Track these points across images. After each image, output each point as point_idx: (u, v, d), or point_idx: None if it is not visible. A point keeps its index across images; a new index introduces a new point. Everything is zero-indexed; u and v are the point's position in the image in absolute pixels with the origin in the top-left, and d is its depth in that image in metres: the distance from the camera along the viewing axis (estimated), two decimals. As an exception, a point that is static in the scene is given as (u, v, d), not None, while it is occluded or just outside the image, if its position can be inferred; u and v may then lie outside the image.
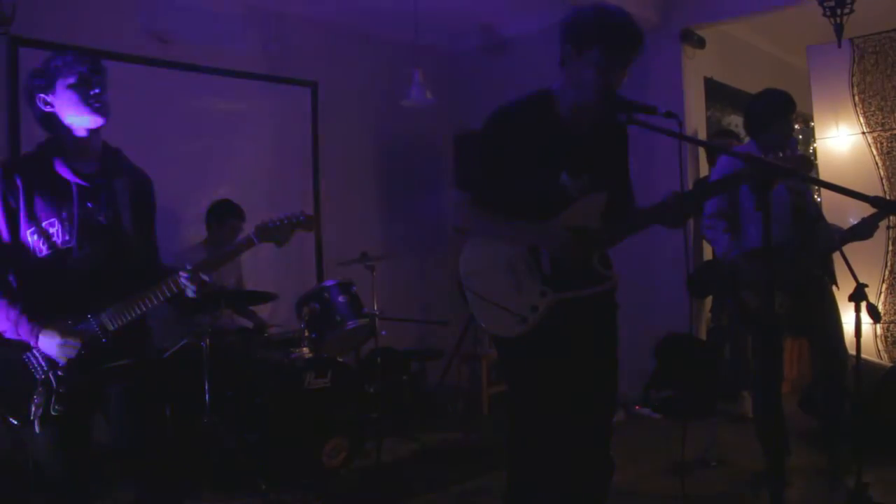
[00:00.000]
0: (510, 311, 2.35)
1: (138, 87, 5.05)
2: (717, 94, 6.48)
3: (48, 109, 2.40)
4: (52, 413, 2.31)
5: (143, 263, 2.55)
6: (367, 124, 6.49)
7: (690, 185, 5.76)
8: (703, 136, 6.08)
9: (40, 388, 2.31)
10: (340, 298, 4.59)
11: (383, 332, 4.74)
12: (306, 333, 4.43)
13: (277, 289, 4.80)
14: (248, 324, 4.90)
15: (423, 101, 5.73)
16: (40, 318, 2.31)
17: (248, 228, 4.88)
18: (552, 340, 2.34)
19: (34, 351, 2.34)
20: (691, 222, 5.65)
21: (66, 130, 2.42)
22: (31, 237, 2.35)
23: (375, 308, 4.63)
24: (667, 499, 3.60)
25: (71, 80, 2.37)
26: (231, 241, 4.81)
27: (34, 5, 4.60)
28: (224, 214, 4.81)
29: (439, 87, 6.10)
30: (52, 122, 2.43)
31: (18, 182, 2.34)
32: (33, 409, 2.30)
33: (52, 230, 2.35)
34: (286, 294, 4.92)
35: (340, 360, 4.30)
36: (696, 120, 6.07)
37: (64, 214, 2.37)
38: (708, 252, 5.85)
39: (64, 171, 2.40)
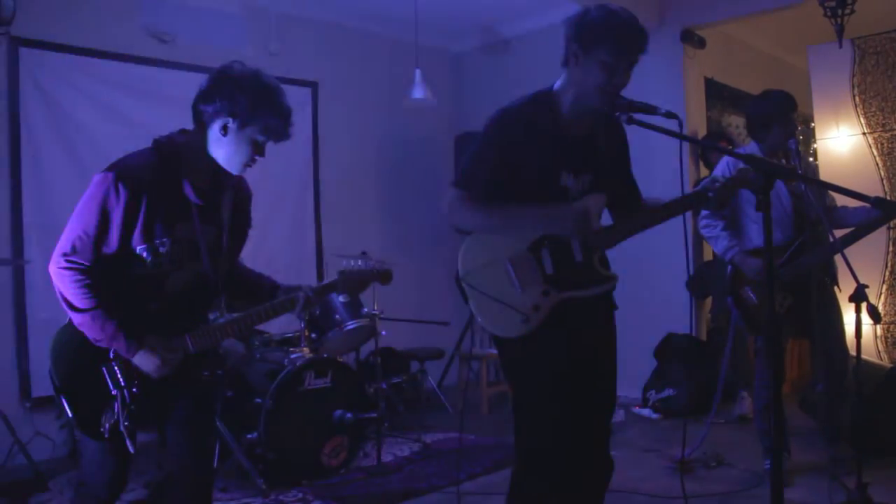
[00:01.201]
0: (514, 309, 2.34)
1: (138, 87, 5.06)
2: (717, 94, 6.48)
3: (217, 133, 2.29)
4: (121, 430, 2.28)
5: (228, 282, 2.52)
6: (367, 124, 6.50)
7: (691, 186, 5.76)
8: (703, 136, 6.08)
9: (116, 404, 2.28)
10: (340, 298, 4.59)
11: (383, 333, 4.74)
12: (306, 333, 4.43)
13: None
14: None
15: (424, 101, 5.73)
16: (137, 336, 2.26)
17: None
18: (553, 340, 2.34)
19: (113, 364, 2.29)
20: (690, 224, 5.65)
21: (203, 150, 2.32)
22: (140, 252, 2.25)
23: (375, 308, 4.63)
24: (667, 499, 3.60)
25: (258, 138, 2.30)
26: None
27: (35, 5, 4.61)
28: None
29: (440, 88, 6.11)
30: (202, 133, 2.32)
31: (143, 203, 2.21)
32: (107, 423, 2.26)
33: (162, 249, 2.26)
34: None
35: (340, 360, 4.30)
36: (696, 120, 6.07)
37: (178, 234, 2.29)
38: (708, 253, 5.85)
39: (189, 193, 2.30)
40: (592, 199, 2.40)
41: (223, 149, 2.30)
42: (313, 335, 4.48)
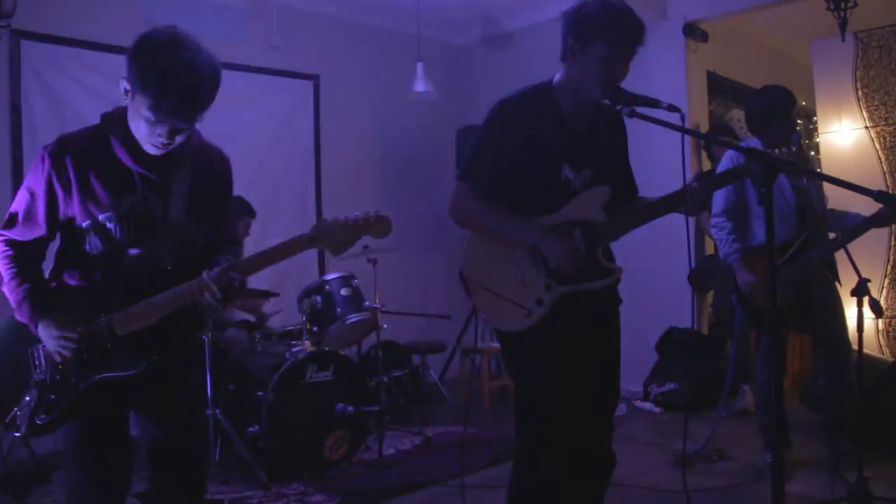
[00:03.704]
0: (516, 304, 2.34)
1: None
2: (719, 87, 6.47)
3: (127, 100, 2.02)
4: (37, 422, 2.06)
5: (201, 260, 2.15)
6: (369, 117, 6.49)
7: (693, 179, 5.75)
8: (705, 130, 6.07)
9: (34, 391, 2.09)
10: (342, 292, 4.59)
11: (384, 326, 4.74)
12: (308, 327, 4.43)
13: (279, 282, 4.81)
14: (250, 317, 4.90)
15: (426, 94, 5.72)
16: (43, 306, 2.09)
17: (255, 225, 4.92)
18: (557, 335, 2.34)
19: (41, 347, 2.12)
20: (692, 218, 5.64)
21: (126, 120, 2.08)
22: (85, 231, 2.08)
23: (377, 301, 4.63)
24: (668, 492, 3.60)
25: (147, 116, 1.96)
26: (241, 239, 4.82)
27: (36, -2, 4.61)
28: (239, 212, 4.78)
29: (442, 80, 6.10)
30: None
31: (69, 167, 2.05)
32: (19, 412, 2.07)
33: (109, 225, 2.07)
34: (288, 287, 4.93)
35: (342, 353, 4.31)
36: (698, 114, 6.06)
37: (122, 208, 2.07)
38: (709, 247, 5.84)
39: (124, 157, 2.06)
40: (595, 192, 2.40)
41: (132, 121, 2.04)
42: (315, 328, 4.48)
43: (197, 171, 2.18)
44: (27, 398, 2.09)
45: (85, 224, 2.08)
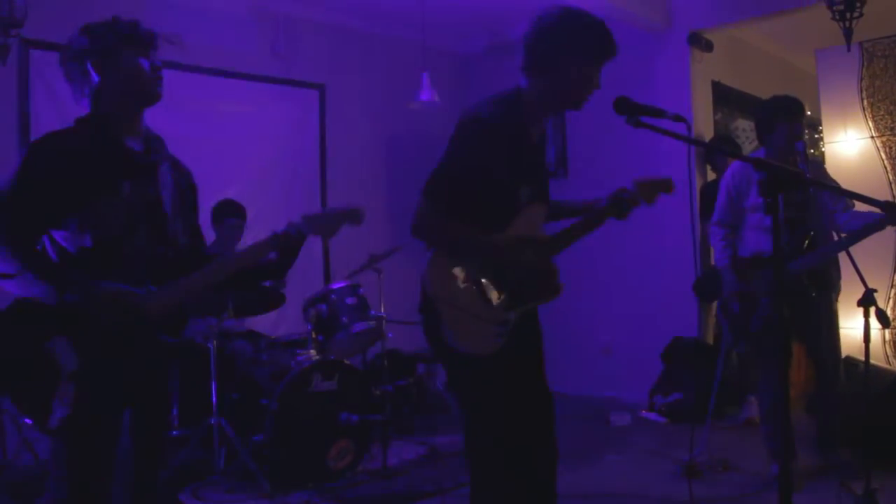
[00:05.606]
0: (491, 325, 2.28)
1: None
2: (724, 97, 6.47)
3: (94, 79, 2.22)
4: (85, 418, 1.88)
5: (189, 253, 2.24)
6: (374, 126, 6.50)
7: (698, 189, 5.76)
8: (710, 140, 6.07)
9: (68, 383, 1.86)
10: (347, 301, 4.58)
11: (390, 335, 4.74)
12: (313, 336, 4.43)
13: (284, 291, 4.80)
14: (254, 325, 4.91)
15: (432, 103, 5.74)
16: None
17: (249, 228, 4.92)
18: (516, 353, 2.33)
19: (61, 337, 1.89)
20: (698, 227, 5.64)
21: (119, 105, 2.19)
22: (71, 225, 1.99)
23: (382, 310, 4.62)
24: (674, 503, 3.59)
25: (142, 62, 2.23)
26: (232, 241, 4.83)
27: (45, 8, 4.63)
28: (222, 214, 4.77)
29: (447, 89, 6.11)
30: (102, 96, 2.21)
31: (54, 159, 2.03)
32: (58, 410, 1.85)
33: (97, 217, 2.00)
34: (293, 296, 4.93)
35: (347, 362, 4.30)
36: (703, 124, 6.06)
37: (120, 195, 2.04)
38: (715, 256, 5.84)
39: (117, 147, 2.10)
40: (535, 210, 2.42)
41: (117, 94, 2.22)
42: (320, 337, 4.48)
43: (172, 167, 2.27)
44: (60, 395, 1.86)
45: (71, 218, 1.99)
